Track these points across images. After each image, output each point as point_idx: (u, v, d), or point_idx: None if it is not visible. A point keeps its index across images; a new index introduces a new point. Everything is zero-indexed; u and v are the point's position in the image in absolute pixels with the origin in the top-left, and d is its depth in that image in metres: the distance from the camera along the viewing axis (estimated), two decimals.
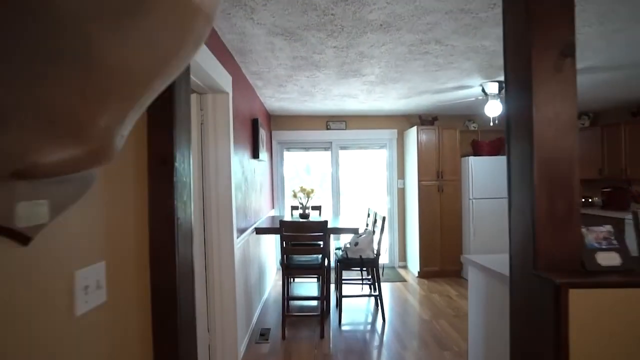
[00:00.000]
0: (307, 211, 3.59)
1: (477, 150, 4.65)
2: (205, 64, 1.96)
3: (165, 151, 1.18)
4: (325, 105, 4.33)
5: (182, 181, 1.26)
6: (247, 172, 3.04)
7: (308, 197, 3.56)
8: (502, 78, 3.06)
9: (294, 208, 4.42)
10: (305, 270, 2.95)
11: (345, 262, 3.19)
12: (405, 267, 5.12)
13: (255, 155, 3.42)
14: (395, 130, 5.11)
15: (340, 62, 2.69)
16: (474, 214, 4.35)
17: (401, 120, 5.14)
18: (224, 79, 2.30)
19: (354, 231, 3.13)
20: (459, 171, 4.56)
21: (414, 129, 4.57)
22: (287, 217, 4.12)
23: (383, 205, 5.25)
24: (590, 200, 5.07)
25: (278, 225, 2.88)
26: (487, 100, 3.49)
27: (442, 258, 4.57)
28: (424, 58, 2.62)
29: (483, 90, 3.42)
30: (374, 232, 3.57)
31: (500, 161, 4.38)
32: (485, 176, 4.36)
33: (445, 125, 4.60)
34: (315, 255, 3.12)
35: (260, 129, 3.56)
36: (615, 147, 4.53)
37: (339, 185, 5.14)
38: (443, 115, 5.08)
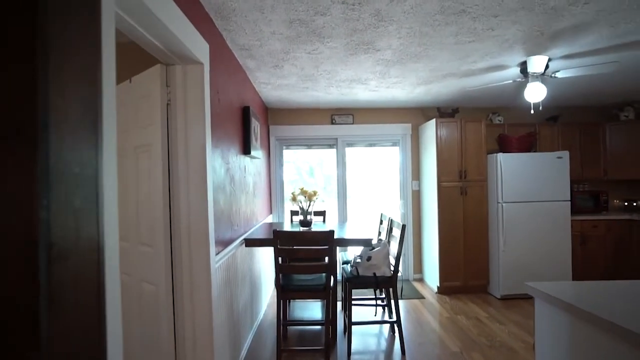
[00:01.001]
0: (309, 217, 3.00)
1: (504, 146, 4.04)
2: (171, 21, 1.39)
3: (15, 112, 0.59)
4: (330, 95, 3.75)
5: (71, 173, 0.66)
6: (234, 170, 2.46)
7: (310, 200, 2.97)
8: (553, 52, 2.46)
9: (294, 213, 3.83)
10: (306, 292, 2.35)
11: (355, 281, 2.59)
12: (421, 280, 4.50)
13: (246, 150, 2.84)
14: (409, 125, 4.51)
15: (350, 28, 2.11)
16: (504, 220, 3.73)
17: (416, 114, 4.54)
18: (197, 46, 1.73)
19: (367, 243, 2.53)
20: (485, 170, 3.95)
21: (432, 122, 3.97)
22: (287, 224, 3.53)
23: (395, 210, 4.64)
24: (634, 203, 4.43)
25: (272, 236, 2.28)
26: (525, 83, 2.88)
27: (466, 271, 3.95)
28: (458, 21, 2.03)
29: (522, 71, 2.82)
30: (389, 243, 2.96)
31: (535, 159, 3.76)
32: (516, 176, 3.74)
33: (468, 118, 3.99)
34: (318, 275, 2.51)
35: (253, 120, 2.98)
36: None
37: (346, 187, 4.55)
38: (464, 108, 4.48)
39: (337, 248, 3.03)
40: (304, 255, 2.24)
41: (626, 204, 4.50)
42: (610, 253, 4.08)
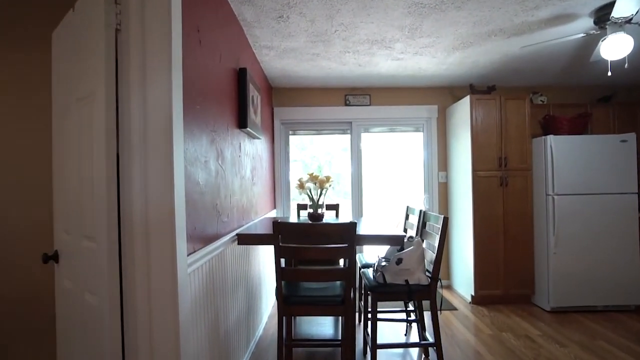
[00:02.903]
0: (320, 210, 2.40)
1: (552, 129, 3.39)
2: None
3: None
4: (345, 66, 3.15)
5: None
6: (223, 144, 1.87)
7: (322, 188, 2.37)
8: None
9: (301, 207, 3.23)
10: (317, 307, 1.74)
11: (382, 291, 1.97)
12: (449, 287, 3.86)
13: (242, 123, 2.25)
14: (436, 107, 3.89)
15: None
16: (556, 216, 3.07)
17: (443, 94, 3.91)
18: None
19: (397, 241, 1.92)
20: (530, 157, 3.30)
21: (466, 100, 3.34)
22: (294, 219, 2.93)
23: (419, 206, 4.01)
24: None
25: (272, 230, 1.69)
26: (599, 38, 2.25)
27: (507, 278, 3.30)
28: None
29: (597, 21, 2.18)
30: (422, 240, 2.34)
31: (593, 142, 3.11)
32: (571, 163, 3.09)
33: (509, 95, 3.35)
34: (333, 283, 1.90)
35: (252, 87, 2.40)
36: None
37: (361, 178, 3.93)
38: (501, 87, 3.85)
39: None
40: (314, 256, 1.64)
41: None
42: None
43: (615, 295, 3.11)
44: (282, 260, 1.74)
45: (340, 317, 2.69)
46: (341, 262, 2.68)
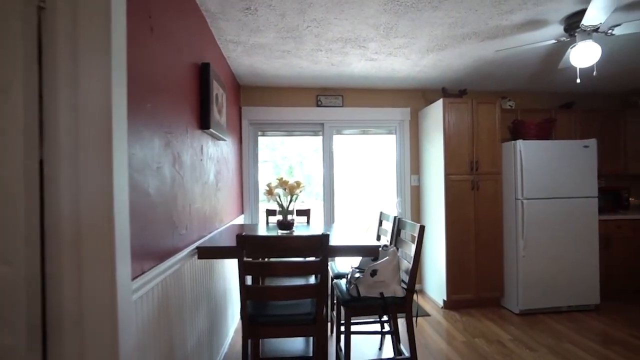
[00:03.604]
0: (289, 217, 2.25)
1: (520, 133, 3.44)
2: None
3: None
4: (317, 65, 3.01)
5: None
6: (180, 147, 1.67)
7: (292, 195, 2.21)
8: None
9: (270, 213, 3.05)
10: (287, 327, 1.58)
11: (356, 305, 1.85)
12: (422, 291, 3.83)
13: (204, 124, 2.05)
14: (408, 110, 3.85)
15: None
16: (525, 220, 3.11)
17: (416, 96, 3.88)
18: None
19: (372, 252, 1.80)
20: (500, 161, 3.33)
21: (439, 103, 3.31)
22: (262, 227, 2.75)
23: (392, 210, 3.96)
24: None
25: (236, 243, 1.51)
26: (568, 45, 2.27)
27: (478, 282, 3.30)
28: None
29: (567, 29, 2.19)
30: (397, 248, 2.25)
31: (558, 148, 3.17)
32: (539, 167, 3.14)
33: (480, 99, 3.36)
34: (304, 300, 1.74)
35: (216, 84, 2.20)
36: None
37: (333, 182, 3.82)
38: (472, 92, 3.88)
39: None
40: (283, 273, 1.48)
41: None
42: (634, 256, 3.56)
43: (577, 295, 3.20)
44: (247, 278, 1.57)
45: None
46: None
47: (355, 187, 4.34)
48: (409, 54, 2.75)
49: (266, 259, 2.02)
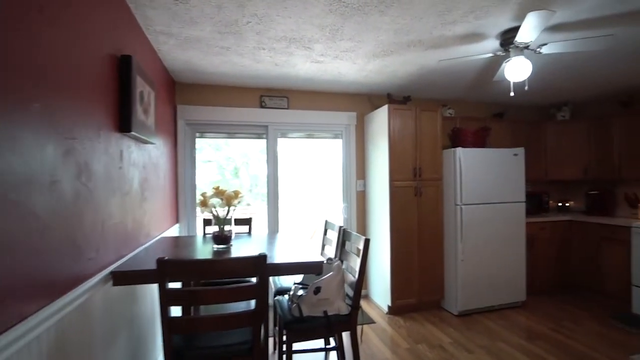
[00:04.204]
0: (227, 229, 2.04)
1: (459, 141, 3.59)
2: None
3: None
4: (260, 64, 2.83)
5: None
6: (89, 155, 1.40)
7: (229, 206, 2.01)
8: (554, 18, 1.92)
9: (207, 223, 2.80)
10: None
11: (299, 328, 1.72)
12: (367, 297, 3.83)
13: (125, 126, 1.77)
14: (355, 114, 3.82)
15: None
16: (463, 225, 3.24)
17: (362, 101, 3.87)
18: None
19: (317, 268, 1.68)
20: (441, 168, 3.43)
21: (384, 109, 3.32)
22: (199, 239, 2.50)
23: (338, 215, 3.91)
24: (567, 204, 4.39)
25: (156, 267, 1.29)
26: (503, 59, 2.37)
27: (421, 286, 3.37)
28: None
29: (503, 43, 2.28)
30: (342, 261, 2.17)
31: (492, 155, 3.36)
32: (476, 174, 3.29)
33: (423, 106, 3.43)
34: (238, 331, 1.56)
35: (140, 80, 1.92)
36: (605, 143, 3.86)
37: (278, 187, 3.65)
38: (415, 99, 3.96)
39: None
40: (214, 301, 1.30)
41: (560, 204, 4.46)
42: (554, 254, 3.92)
43: (507, 293, 3.42)
44: (169, 309, 1.35)
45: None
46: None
47: (302, 191, 4.22)
48: (355, 58, 2.69)
49: (202, 283, 1.80)
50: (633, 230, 3.27)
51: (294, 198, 4.19)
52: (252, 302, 1.40)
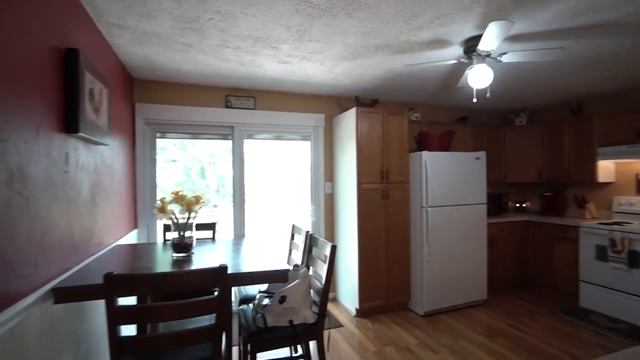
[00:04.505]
0: (188, 235, 1.93)
1: (425, 144, 3.66)
2: None
3: None
4: (225, 63, 2.72)
5: None
6: (24, 161, 1.25)
7: (190, 211, 1.90)
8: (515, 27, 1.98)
9: (167, 229, 2.65)
10: None
11: (263, 339, 1.65)
12: (335, 299, 3.81)
13: (71, 126, 1.61)
14: (323, 116, 3.79)
15: None
16: (429, 227, 3.30)
17: (330, 103, 3.85)
18: None
19: (282, 277, 1.62)
20: (407, 171, 3.48)
21: (352, 112, 3.31)
22: (159, 246, 2.36)
23: (306, 218, 3.86)
24: (523, 205, 4.63)
25: (104, 282, 1.17)
26: (466, 66, 2.43)
27: (388, 288, 3.40)
28: None
29: (466, 51, 2.34)
30: (308, 268, 2.12)
31: (456, 159, 3.45)
32: (441, 177, 3.36)
33: (391, 110, 3.47)
34: (199, 345, 1.47)
35: (88, 76, 1.76)
36: (557, 147, 4.10)
37: (244, 190, 3.54)
38: (382, 102, 4.00)
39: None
40: (168, 317, 1.20)
41: (517, 205, 4.69)
42: (513, 253, 4.11)
43: (470, 292, 3.54)
44: (118, 327, 1.23)
45: None
46: None
47: (270, 193, 4.14)
48: (323, 60, 2.66)
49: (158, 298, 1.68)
50: (581, 230, 3.49)
51: (263, 200, 4.10)
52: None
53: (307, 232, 2.25)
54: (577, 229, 3.55)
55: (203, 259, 1.88)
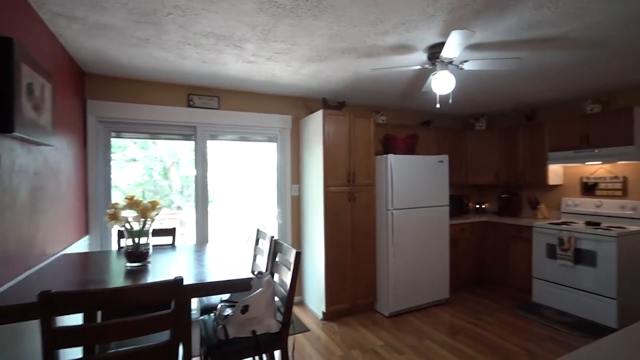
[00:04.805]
0: (144, 243, 1.81)
1: (390, 147, 3.71)
2: None
3: None
4: (187, 60, 2.59)
5: None
6: None
7: (146, 218, 1.78)
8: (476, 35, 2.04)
9: (121, 235, 2.48)
10: None
11: (223, 352, 1.58)
12: (301, 303, 3.76)
13: (3, 126, 1.45)
14: (290, 117, 3.73)
15: None
16: (394, 229, 3.35)
17: (297, 104, 3.80)
18: None
19: (244, 286, 1.55)
20: (374, 173, 3.51)
21: (319, 114, 3.29)
22: (113, 253, 2.19)
23: (272, 221, 3.78)
24: (483, 206, 4.84)
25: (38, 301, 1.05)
26: (430, 72, 2.48)
27: (354, 291, 3.41)
28: None
29: (430, 57, 2.38)
30: (272, 275, 2.06)
31: (420, 162, 3.53)
32: (405, 180, 3.42)
33: (357, 112, 3.49)
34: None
35: (26, 68, 1.59)
36: (513, 151, 4.32)
37: (207, 193, 3.41)
38: (349, 105, 4.01)
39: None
40: (117, 336, 1.10)
41: (477, 206, 4.90)
42: (473, 253, 4.28)
43: (433, 292, 3.63)
44: (57, 352, 1.11)
45: None
46: None
47: (236, 195, 4.02)
48: (290, 60, 2.61)
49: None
50: (533, 230, 3.70)
51: (229, 202, 3.97)
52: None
53: (272, 237, 2.19)
54: (530, 229, 3.76)
55: (160, 268, 1.76)
